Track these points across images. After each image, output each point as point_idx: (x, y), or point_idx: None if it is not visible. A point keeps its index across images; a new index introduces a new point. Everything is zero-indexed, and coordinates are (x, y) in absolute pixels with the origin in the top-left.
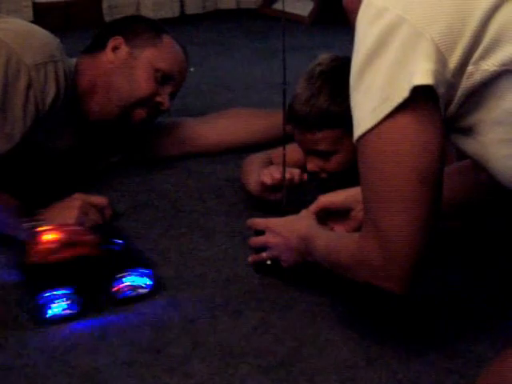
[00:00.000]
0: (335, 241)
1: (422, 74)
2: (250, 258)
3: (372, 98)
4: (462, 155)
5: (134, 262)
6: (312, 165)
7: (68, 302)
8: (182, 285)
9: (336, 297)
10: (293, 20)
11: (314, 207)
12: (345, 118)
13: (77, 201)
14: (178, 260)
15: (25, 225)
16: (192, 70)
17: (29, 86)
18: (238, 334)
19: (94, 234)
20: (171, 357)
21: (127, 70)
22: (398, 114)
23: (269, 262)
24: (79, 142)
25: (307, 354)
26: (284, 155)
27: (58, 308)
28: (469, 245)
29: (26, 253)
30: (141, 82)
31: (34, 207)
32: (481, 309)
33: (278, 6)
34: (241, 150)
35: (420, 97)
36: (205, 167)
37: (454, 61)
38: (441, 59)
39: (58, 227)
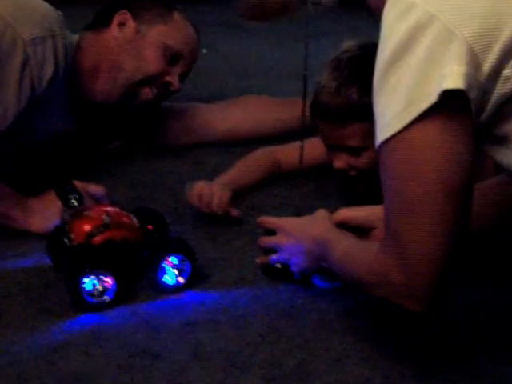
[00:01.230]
0: (354, 250)
1: (453, 77)
2: (258, 260)
3: (397, 101)
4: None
5: (175, 249)
6: (340, 162)
7: (103, 289)
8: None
9: (351, 305)
10: (314, 3)
11: (333, 219)
12: None
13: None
14: None
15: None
16: (204, 51)
17: (24, 63)
18: (243, 341)
19: (135, 217)
20: (170, 363)
21: (134, 48)
22: (424, 120)
23: (279, 265)
24: (78, 126)
25: (317, 368)
26: (301, 155)
27: (94, 294)
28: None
29: (67, 234)
30: (149, 60)
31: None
32: (506, 327)
33: None
34: (254, 141)
35: (450, 102)
36: (213, 158)
37: (488, 63)
38: (474, 61)
39: (101, 208)
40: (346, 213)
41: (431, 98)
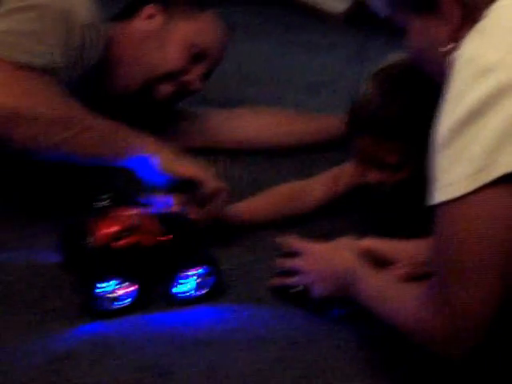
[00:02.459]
0: (389, 289)
1: None
2: (274, 281)
3: (467, 163)
4: None
5: (197, 258)
6: (376, 177)
7: (119, 296)
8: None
9: (368, 335)
10: (325, 15)
11: (358, 247)
12: (424, 130)
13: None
14: None
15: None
16: None
17: (81, 49)
18: (256, 366)
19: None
20: (180, 382)
21: (159, 42)
22: (496, 186)
23: (295, 290)
24: None
25: None
26: None
27: (109, 300)
28: None
29: (88, 234)
30: (172, 55)
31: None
32: None
33: None
34: (268, 152)
35: None
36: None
37: None
38: None
39: (129, 210)
40: (371, 243)
41: (507, 167)
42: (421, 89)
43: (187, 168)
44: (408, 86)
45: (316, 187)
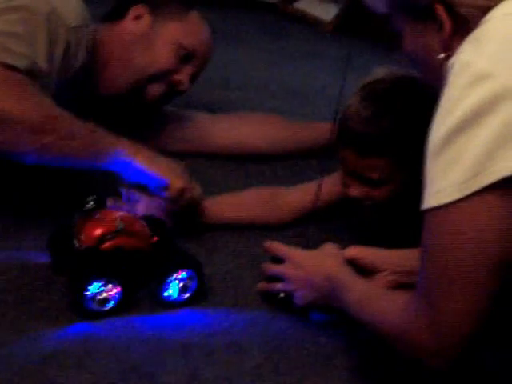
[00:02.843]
0: (374, 297)
1: None
2: (260, 286)
3: (459, 169)
4: None
5: (182, 262)
6: (356, 191)
7: (107, 297)
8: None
9: (349, 341)
10: (312, 23)
11: (344, 255)
12: (407, 147)
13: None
14: None
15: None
16: None
17: (66, 52)
18: (240, 370)
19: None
20: None
21: (147, 42)
22: (485, 193)
23: (282, 295)
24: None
25: None
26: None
27: (97, 301)
28: None
29: (76, 236)
30: (161, 56)
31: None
32: None
33: (299, 5)
34: (254, 158)
35: None
36: (209, 172)
37: None
38: None
39: (115, 213)
40: (357, 251)
41: (499, 173)
42: (405, 107)
43: (160, 168)
44: (392, 104)
45: (295, 196)
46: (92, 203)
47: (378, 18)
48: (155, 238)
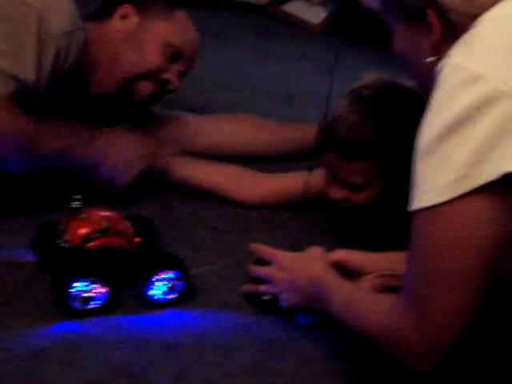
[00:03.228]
0: (359, 299)
1: None
2: (246, 287)
3: (449, 170)
4: None
5: (167, 262)
6: (338, 194)
7: (91, 296)
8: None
9: (335, 345)
10: (301, 26)
11: (329, 258)
12: (390, 153)
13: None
14: None
15: (73, 201)
16: None
17: (56, 58)
18: (225, 371)
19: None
20: None
21: (135, 41)
22: (475, 195)
23: (266, 297)
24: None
25: None
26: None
27: (81, 300)
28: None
29: (61, 235)
30: (149, 54)
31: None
32: None
33: (287, 7)
34: (243, 159)
35: (505, 183)
36: None
37: None
38: None
39: (101, 212)
40: (343, 255)
41: (489, 175)
42: (391, 113)
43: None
44: (378, 111)
45: (272, 181)
46: (77, 202)
47: (368, 22)
48: (137, 239)
